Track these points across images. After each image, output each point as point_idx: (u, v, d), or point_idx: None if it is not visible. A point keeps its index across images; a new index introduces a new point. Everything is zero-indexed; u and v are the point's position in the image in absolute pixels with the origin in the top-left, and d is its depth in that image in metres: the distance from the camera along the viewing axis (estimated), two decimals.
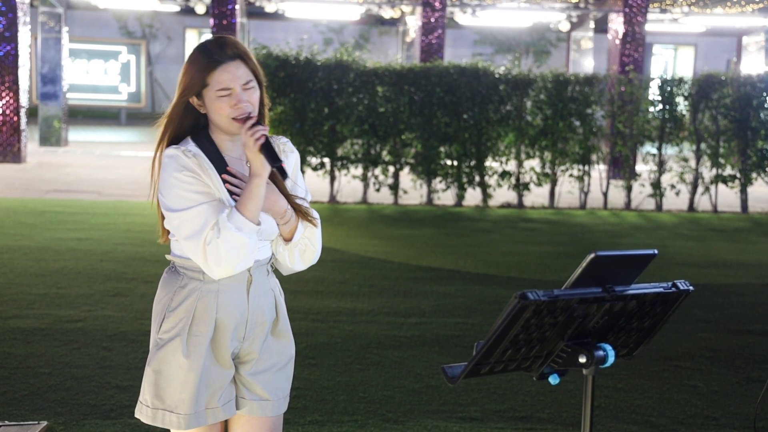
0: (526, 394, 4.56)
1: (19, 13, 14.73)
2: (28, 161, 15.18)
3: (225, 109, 2.42)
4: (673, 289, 2.11)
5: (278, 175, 2.47)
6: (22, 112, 14.81)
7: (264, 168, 2.39)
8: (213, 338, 2.46)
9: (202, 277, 2.45)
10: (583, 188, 12.34)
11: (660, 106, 12.45)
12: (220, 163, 2.46)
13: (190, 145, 2.46)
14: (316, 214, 2.57)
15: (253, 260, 2.43)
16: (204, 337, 2.44)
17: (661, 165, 12.43)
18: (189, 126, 2.50)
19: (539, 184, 12.35)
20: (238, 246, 2.35)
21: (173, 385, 2.44)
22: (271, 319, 2.55)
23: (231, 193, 2.44)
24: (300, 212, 2.52)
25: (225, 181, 2.44)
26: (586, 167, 12.37)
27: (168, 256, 2.55)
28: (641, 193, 13.02)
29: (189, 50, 28.27)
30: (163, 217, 2.52)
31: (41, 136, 17.78)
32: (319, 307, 6.16)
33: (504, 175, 12.20)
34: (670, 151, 12.80)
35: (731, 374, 5.03)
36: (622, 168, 12.77)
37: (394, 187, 12.02)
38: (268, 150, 2.39)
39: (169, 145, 2.49)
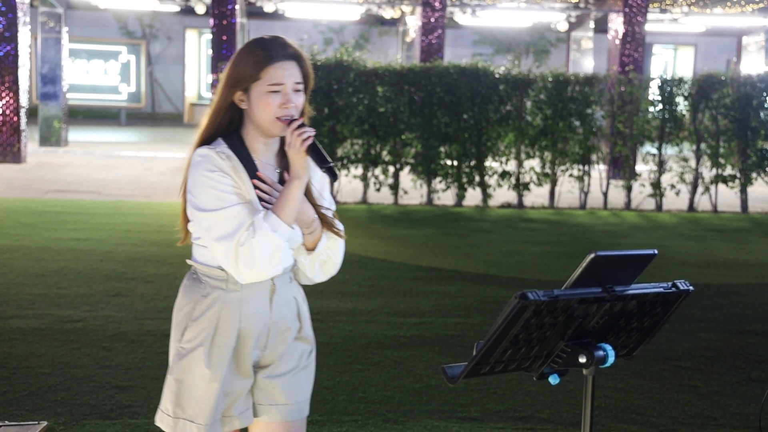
0: (526, 394, 4.56)
1: (19, 13, 14.73)
2: (28, 161, 15.18)
3: (272, 106, 2.35)
4: (673, 289, 2.11)
5: (310, 185, 2.43)
6: (22, 112, 14.81)
7: (306, 171, 2.35)
8: (235, 348, 2.43)
9: (225, 286, 2.40)
10: (583, 188, 12.34)
11: (660, 106, 12.45)
12: (250, 167, 2.40)
13: (223, 147, 2.39)
14: (341, 226, 2.53)
15: (282, 267, 2.39)
16: (227, 348, 2.41)
17: (661, 165, 12.43)
18: (225, 124, 2.43)
19: (539, 184, 12.35)
20: (272, 248, 2.30)
21: (195, 394, 2.41)
22: (295, 327, 2.52)
23: (260, 199, 2.39)
24: (326, 223, 2.47)
25: (255, 187, 2.39)
26: (586, 167, 12.37)
27: (189, 261, 2.49)
28: (641, 193, 13.02)
29: (189, 50, 28.34)
30: (186, 219, 2.45)
31: (41, 136, 17.78)
32: (319, 307, 6.16)
33: (504, 175, 12.20)
34: (670, 151, 12.80)
35: (731, 374, 5.03)
36: (622, 168, 12.77)
37: (394, 187, 12.02)
38: (315, 151, 2.34)
39: (201, 144, 2.42)
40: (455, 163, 12.13)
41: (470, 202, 12.31)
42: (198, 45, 28.12)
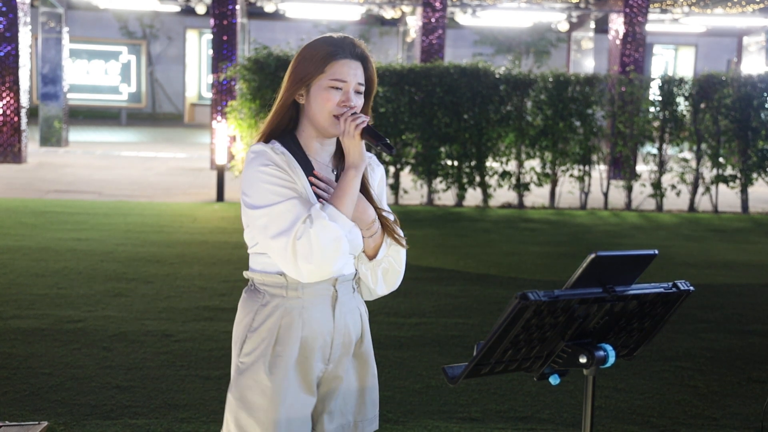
0: (527, 395, 4.56)
1: (20, 14, 14.74)
2: (28, 161, 15.18)
3: (331, 102, 2.28)
4: (674, 289, 2.11)
5: (369, 186, 2.36)
6: (23, 113, 14.82)
7: (362, 159, 2.26)
8: (298, 360, 2.28)
9: (285, 293, 2.28)
10: (584, 188, 12.34)
11: (660, 107, 12.45)
12: (306, 167, 2.31)
13: (277, 145, 2.31)
14: (402, 233, 2.41)
15: (341, 271, 2.29)
16: (289, 358, 2.26)
17: (662, 165, 12.43)
18: (285, 123, 2.36)
19: (539, 185, 12.35)
20: (331, 239, 2.18)
21: (256, 413, 2.24)
22: (356, 340, 2.39)
23: (318, 197, 2.29)
24: (387, 227, 2.36)
25: (312, 184, 2.29)
26: (587, 167, 12.37)
27: (246, 274, 2.38)
28: (642, 194, 13.02)
29: (189, 50, 28.30)
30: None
31: (42, 137, 17.79)
32: None
33: (504, 175, 12.20)
34: (670, 151, 12.80)
35: (731, 374, 5.03)
36: (622, 168, 12.77)
37: (395, 187, 12.02)
38: (370, 132, 2.25)
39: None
40: (456, 163, 12.13)
41: (470, 203, 12.31)
42: (198, 45, 28.13)
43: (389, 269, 2.39)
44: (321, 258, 2.18)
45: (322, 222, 2.17)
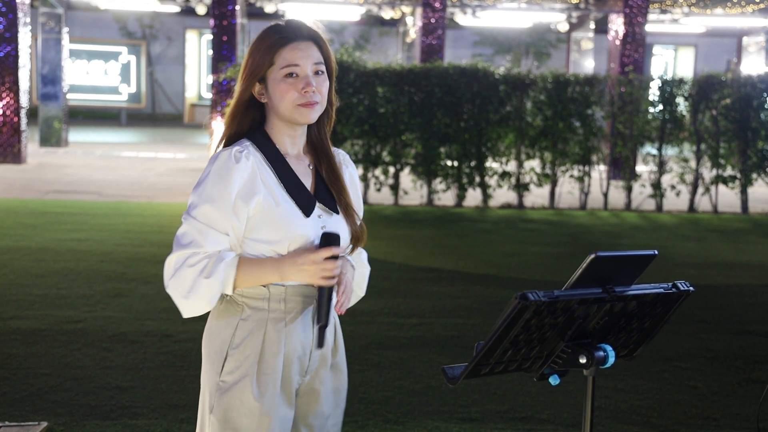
0: (527, 395, 4.56)
1: (20, 14, 14.74)
2: (28, 162, 15.18)
3: (291, 93, 2.18)
4: (674, 289, 2.11)
5: (349, 200, 2.43)
6: (23, 113, 14.81)
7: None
8: (282, 376, 2.21)
9: (267, 306, 2.19)
10: (584, 189, 12.33)
11: (660, 107, 12.45)
12: (280, 165, 2.23)
13: (247, 146, 2.21)
14: (363, 256, 2.44)
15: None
16: (275, 375, 2.18)
17: (662, 165, 12.43)
18: (247, 124, 2.26)
19: (539, 185, 12.35)
20: (200, 292, 2.18)
21: None
22: (332, 347, 2.36)
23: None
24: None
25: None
26: (587, 168, 12.37)
27: None
28: (641, 194, 13.02)
29: (189, 51, 28.27)
30: None
31: (41, 137, 17.78)
32: None
33: (504, 175, 12.20)
34: (670, 151, 12.80)
35: (731, 375, 5.03)
36: (622, 169, 12.77)
37: (395, 188, 12.02)
38: (322, 300, 2.20)
39: (227, 144, 2.25)
40: (455, 163, 12.13)
41: (470, 203, 12.31)
42: (198, 45, 28.12)
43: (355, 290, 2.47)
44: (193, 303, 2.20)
45: (211, 280, 2.13)
